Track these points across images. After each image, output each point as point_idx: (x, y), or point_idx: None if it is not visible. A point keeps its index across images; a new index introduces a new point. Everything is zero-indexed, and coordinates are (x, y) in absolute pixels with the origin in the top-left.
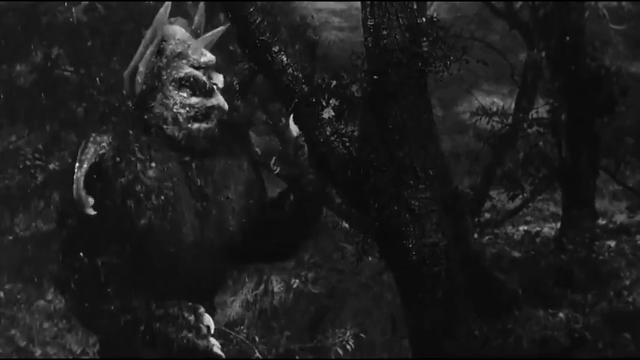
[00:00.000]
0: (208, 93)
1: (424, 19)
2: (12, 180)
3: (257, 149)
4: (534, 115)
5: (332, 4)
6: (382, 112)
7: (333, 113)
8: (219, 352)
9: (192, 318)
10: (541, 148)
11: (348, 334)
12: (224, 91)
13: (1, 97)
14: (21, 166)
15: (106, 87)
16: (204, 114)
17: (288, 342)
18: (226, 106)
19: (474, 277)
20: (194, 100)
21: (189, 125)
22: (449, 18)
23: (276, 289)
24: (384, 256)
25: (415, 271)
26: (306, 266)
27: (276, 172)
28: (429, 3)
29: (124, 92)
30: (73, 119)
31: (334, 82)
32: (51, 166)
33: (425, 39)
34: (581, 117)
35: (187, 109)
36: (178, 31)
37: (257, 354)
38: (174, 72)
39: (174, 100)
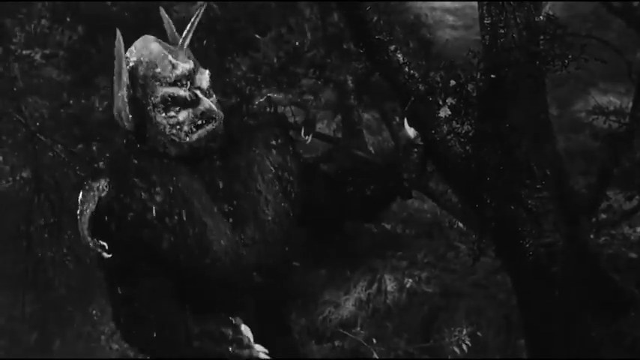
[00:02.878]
0: (194, 102)
1: (541, 17)
2: None
3: (370, 148)
4: None
5: (446, 3)
6: (499, 111)
7: (449, 112)
8: (266, 356)
9: (230, 332)
10: None
11: (464, 332)
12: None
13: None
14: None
15: (220, 85)
16: (198, 124)
17: (407, 344)
18: (214, 107)
19: (590, 277)
20: (182, 116)
21: (189, 139)
22: (565, 16)
23: (389, 289)
24: (500, 255)
25: (532, 271)
26: (420, 266)
27: (307, 141)
28: (544, 2)
29: (121, 127)
30: None
31: (452, 82)
32: None
33: (542, 37)
34: None
35: (178, 126)
36: (144, 52)
37: (375, 355)
38: (151, 98)
39: (163, 124)
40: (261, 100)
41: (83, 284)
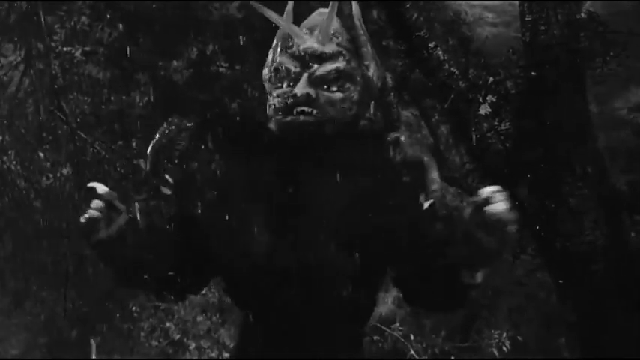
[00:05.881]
0: (294, 81)
1: (582, 15)
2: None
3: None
4: None
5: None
6: (539, 108)
7: (489, 109)
8: None
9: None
10: None
11: (504, 335)
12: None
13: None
14: (176, 161)
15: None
16: (289, 104)
17: (444, 342)
18: (304, 94)
19: (630, 275)
20: (282, 89)
21: (278, 117)
22: (605, 13)
23: None
24: (541, 253)
25: (572, 268)
26: None
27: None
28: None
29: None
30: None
31: (492, 79)
32: None
33: (583, 34)
34: None
35: (279, 99)
36: (304, 25)
37: (412, 352)
38: (274, 60)
39: (271, 92)
40: (388, 139)
41: None
